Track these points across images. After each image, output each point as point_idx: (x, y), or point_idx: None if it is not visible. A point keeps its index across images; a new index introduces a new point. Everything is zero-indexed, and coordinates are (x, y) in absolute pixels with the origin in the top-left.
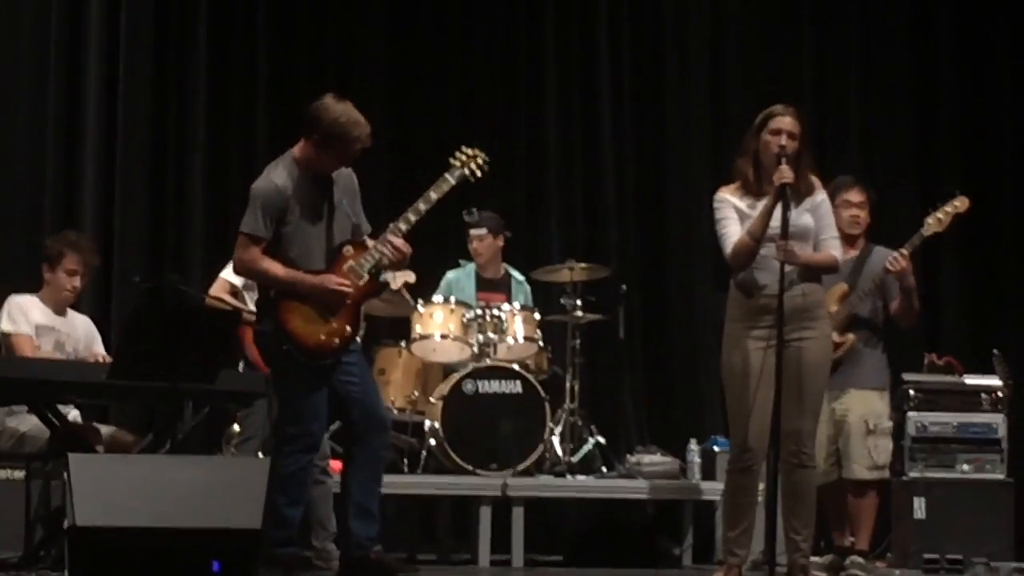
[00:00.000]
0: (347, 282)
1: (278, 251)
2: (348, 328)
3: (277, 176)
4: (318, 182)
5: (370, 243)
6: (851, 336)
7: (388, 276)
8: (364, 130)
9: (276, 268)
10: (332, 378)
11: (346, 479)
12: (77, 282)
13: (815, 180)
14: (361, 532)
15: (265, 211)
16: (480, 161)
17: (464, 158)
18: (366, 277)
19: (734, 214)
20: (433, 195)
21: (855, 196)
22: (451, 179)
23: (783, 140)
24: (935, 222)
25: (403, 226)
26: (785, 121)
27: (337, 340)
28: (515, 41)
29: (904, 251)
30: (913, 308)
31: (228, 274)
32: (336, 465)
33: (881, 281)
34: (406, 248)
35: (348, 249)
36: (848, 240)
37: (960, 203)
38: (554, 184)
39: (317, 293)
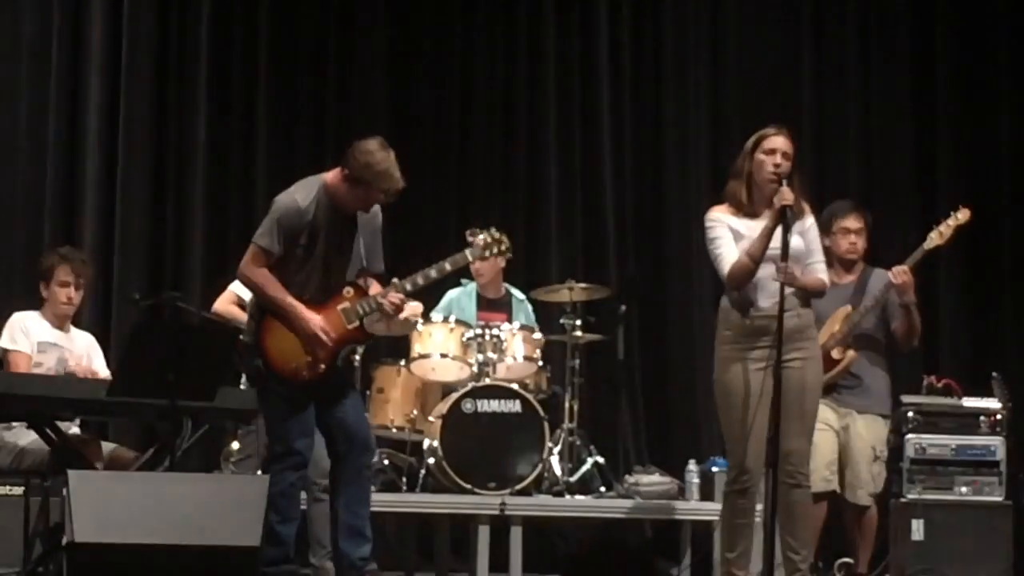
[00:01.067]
0: (331, 333)
1: (281, 268)
2: (323, 367)
3: (302, 196)
4: (342, 216)
5: (374, 289)
6: (851, 352)
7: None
8: (392, 185)
9: (274, 288)
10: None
11: (333, 501)
12: (72, 293)
13: (805, 204)
14: (352, 552)
15: (280, 227)
16: (504, 248)
17: (489, 240)
18: (356, 323)
19: (728, 233)
20: (447, 266)
21: (853, 223)
22: (469, 256)
23: (778, 159)
24: (937, 235)
25: (408, 287)
26: (779, 141)
27: (306, 374)
28: (515, 65)
29: (908, 264)
30: (914, 327)
31: (237, 286)
32: None
33: (885, 299)
34: (404, 307)
35: (348, 290)
36: (845, 266)
37: (962, 215)
38: (554, 205)
39: (303, 330)
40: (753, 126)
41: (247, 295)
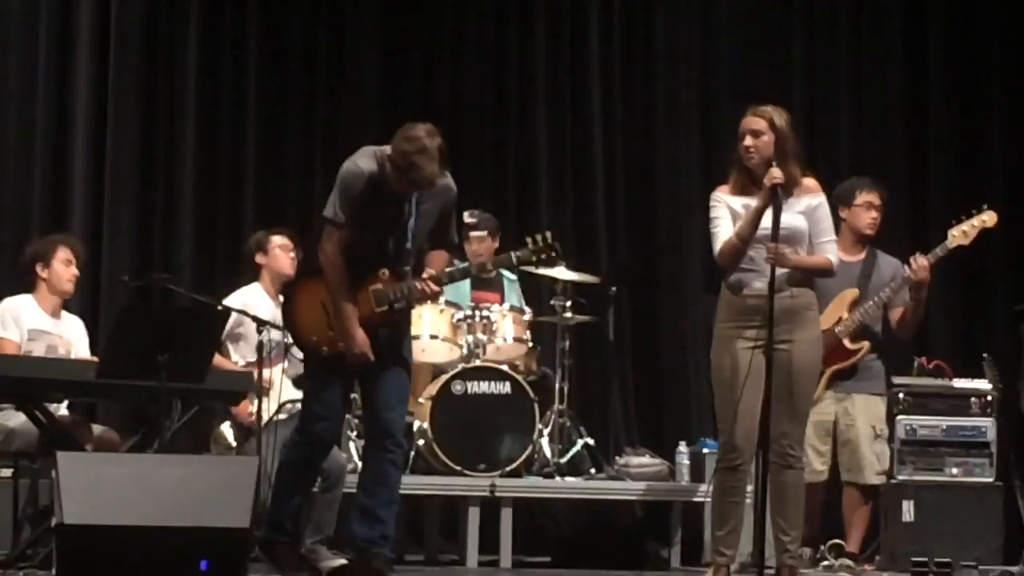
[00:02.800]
0: (364, 343)
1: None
2: (341, 345)
3: (364, 160)
4: (395, 194)
5: (435, 266)
6: (866, 343)
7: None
8: (417, 176)
9: (338, 276)
10: (350, 376)
11: (359, 480)
12: (75, 270)
13: (811, 182)
14: (361, 533)
15: (343, 194)
16: (553, 255)
17: (541, 245)
18: (385, 308)
19: (727, 214)
20: (488, 265)
21: (877, 198)
22: (513, 258)
23: (747, 140)
24: (960, 235)
25: (446, 280)
26: (748, 122)
27: (326, 349)
28: (506, 46)
29: (929, 260)
30: (920, 318)
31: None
32: None
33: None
34: (433, 297)
35: (384, 273)
36: (860, 241)
37: (988, 217)
38: (545, 189)
39: (336, 315)
40: (743, 107)
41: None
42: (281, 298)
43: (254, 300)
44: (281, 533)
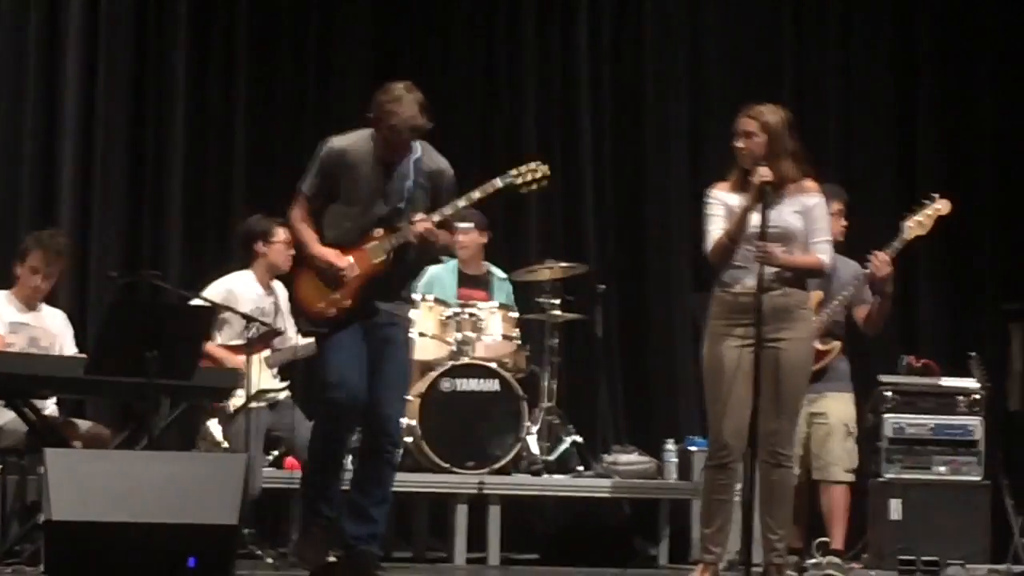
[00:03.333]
0: (344, 260)
1: (328, 215)
2: (349, 301)
3: (343, 139)
4: (384, 162)
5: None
6: (837, 343)
7: None
8: (402, 123)
9: (303, 229)
10: (361, 346)
11: (353, 476)
12: (39, 281)
13: (810, 183)
14: (350, 531)
15: (317, 169)
16: (540, 175)
17: (524, 169)
18: (382, 256)
19: (722, 212)
20: (476, 194)
21: (840, 206)
22: (499, 183)
23: (739, 142)
24: (916, 225)
25: (436, 217)
26: (740, 122)
27: (334, 311)
28: (494, 38)
29: (889, 254)
30: (885, 314)
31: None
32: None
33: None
34: (431, 236)
35: (378, 231)
36: None
37: (942, 205)
38: None
39: (317, 265)
40: (732, 105)
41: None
42: (276, 287)
43: (242, 287)
44: (317, 515)
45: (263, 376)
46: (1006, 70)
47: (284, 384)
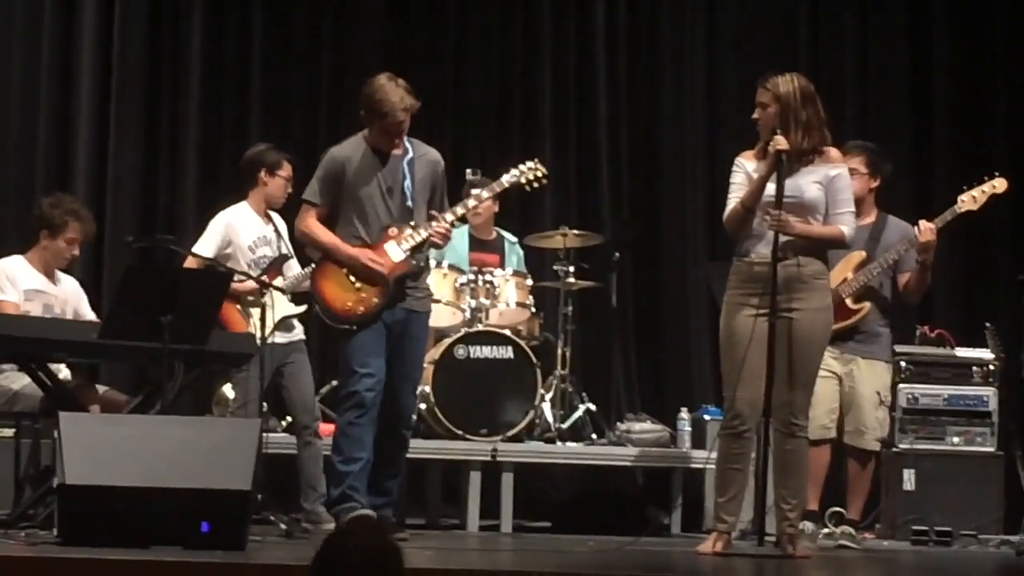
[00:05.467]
0: (381, 260)
1: (336, 220)
2: (375, 300)
3: (341, 148)
4: (384, 160)
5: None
6: (867, 304)
7: None
8: (392, 106)
9: (322, 233)
10: (383, 338)
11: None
12: (76, 251)
13: (834, 153)
14: (370, 501)
15: (321, 179)
16: (540, 175)
17: (526, 169)
18: (404, 257)
19: (744, 180)
20: (484, 194)
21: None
22: (505, 182)
23: (755, 113)
24: (969, 200)
25: (450, 217)
26: (757, 93)
27: (362, 308)
28: (511, 10)
29: (936, 224)
30: (926, 283)
31: (200, 248)
32: (326, 428)
33: (903, 253)
34: (449, 235)
35: (393, 229)
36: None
37: (999, 184)
38: (548, 151)
39: (353, 264)
40: (748, 75)
41: (211, 254)
42: (272, 216)
43: (240, 219)
44: (350, 501)
45: (279, 305)
46: (1022, 41)
47: (302, 308)
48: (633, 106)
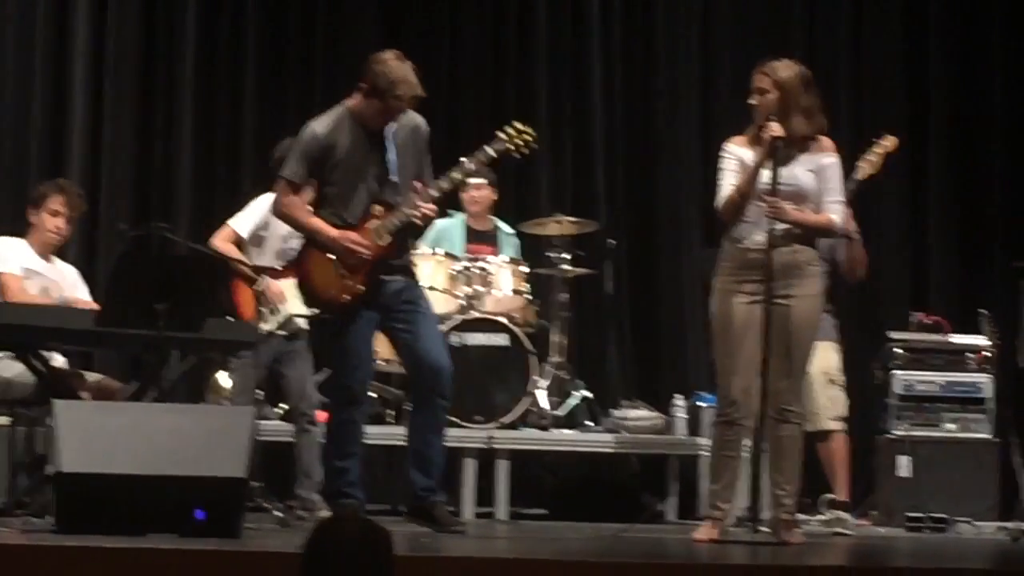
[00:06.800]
0: (365, 242)
1: (321, 200)
2: (360, 286)
3: (320, 123)
4: (368, 135)
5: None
6: None
7: None
8: (408, 91)
9: (304, 215)
10: (382, 328)
11: (409, 427)
12: (61, 223)
13: (827, 141)
14: (418, 481)
15: (302, 156)
16: (528, 138)
17: (512, 132)
18: (388, 239)
19: (735, 166)
20: (471, 165)
21: None
22: (490, 151)
23: (753, 99)
24: (867, 165)
25: (434, 192)
26: (754, 78)
27: (348, 296)
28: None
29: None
30: (860, 257)
31: (236, 222)
32: (322, 415)
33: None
34: (434, 215)
35: (377, 208)
36: None
37: (888, 142)
38: (544, 138)
39: (335, 248)
40: (743, 62)
41: (245, 234)
42: None
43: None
44: (348, 496)
45: (293, 301)
46: (1017, 30)
47: (312, 311)
48: (628, 92)
